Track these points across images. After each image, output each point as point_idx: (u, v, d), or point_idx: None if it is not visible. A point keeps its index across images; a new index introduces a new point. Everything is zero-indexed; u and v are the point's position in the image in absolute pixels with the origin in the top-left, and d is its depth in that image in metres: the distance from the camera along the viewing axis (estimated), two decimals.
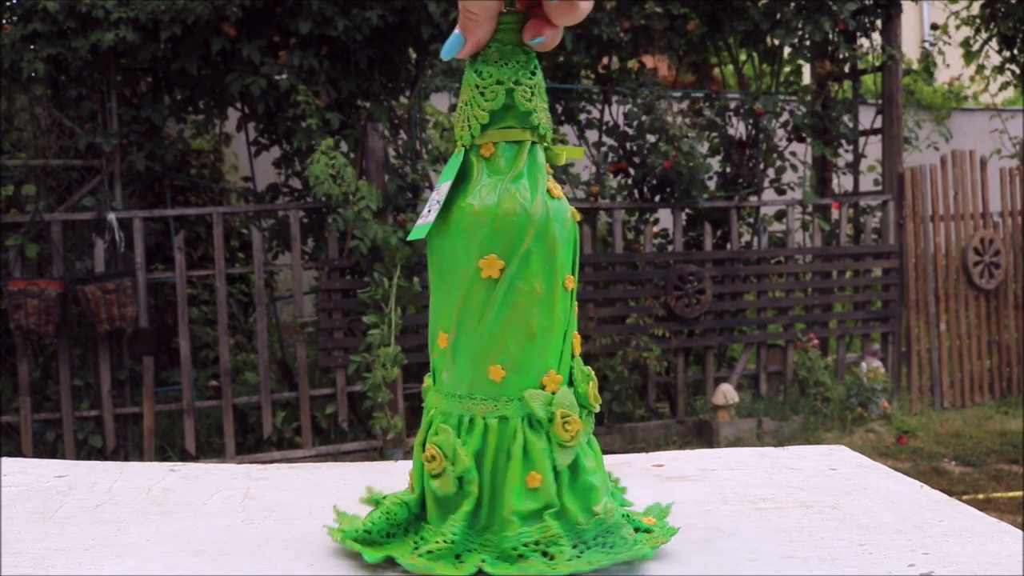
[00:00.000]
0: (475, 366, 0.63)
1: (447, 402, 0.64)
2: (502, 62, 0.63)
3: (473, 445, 0.62)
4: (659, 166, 4.95)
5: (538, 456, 0.62)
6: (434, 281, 0.65)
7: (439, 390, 0.65)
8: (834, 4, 5.22)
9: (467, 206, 0.62)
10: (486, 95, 0.63)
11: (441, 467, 0.62)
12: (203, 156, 5.67)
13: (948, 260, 5.73)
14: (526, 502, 0.62)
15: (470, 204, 0.62)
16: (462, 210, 0.62)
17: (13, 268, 4.23)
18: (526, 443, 0.62)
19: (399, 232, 4.39)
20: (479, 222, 0.62)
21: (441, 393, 0.65)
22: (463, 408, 0.63)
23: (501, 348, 0.62)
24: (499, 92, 0.62)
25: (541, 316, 0.62)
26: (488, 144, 0.63)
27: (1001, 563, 0.62)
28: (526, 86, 0.63)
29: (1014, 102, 8.07)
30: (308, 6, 4.37)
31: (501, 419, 0.62)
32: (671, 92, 5.43)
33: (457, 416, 0.63)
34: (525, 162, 0.63)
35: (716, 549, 0.66)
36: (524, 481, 0.62)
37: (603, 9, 4.98)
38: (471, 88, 0.63)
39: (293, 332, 5.13)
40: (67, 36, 4.29)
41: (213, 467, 0.91)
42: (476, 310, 0.62)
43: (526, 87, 0.63)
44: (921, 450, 4.74)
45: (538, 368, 0.63)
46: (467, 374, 0.63)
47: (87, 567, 0.63)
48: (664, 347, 5.02)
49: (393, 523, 0.64)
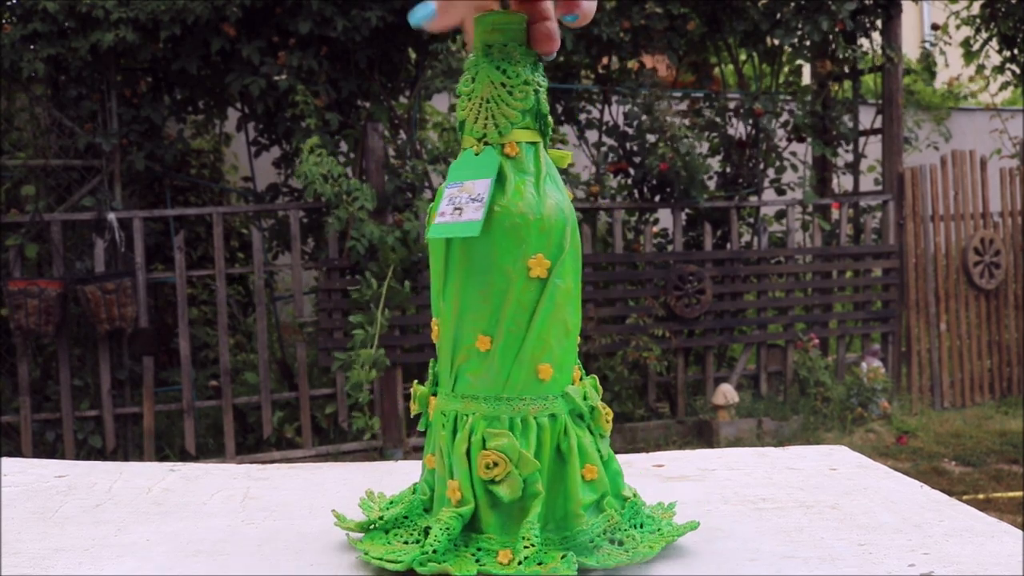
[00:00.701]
0: (524, 367, 0.63)
1: (489, 406, 0.63)
2: (524, 62, 0.63)
3: (532, 446, 0.62)
4: (656, 167, 4.95)
5: (589, 449, 0.64)
6: (464, 282, 0.63)
7: (462, 394, 0.64)
8: (833, 4, 5.22)
9: (511, 205, 0.62)
10: (515, 94, 0.63)
11: (506, 472, 0.62)
12: (203, 156, 5.67)
13: (948, 260, 5.73)
14: (588, 494, 0.64)
15: (513, 203, 0.62)
16: (505, 210, 0.62)
17: (13, 268, 4.23)
18: (578, 438, 0.64)
19: (396, 232, 4.38)
20: (526, 222, 0.62)
21: (467, 397, 0.64)
22: (513, 410, 0.63)
23: (547, 347, 0.63)
24: (528, 92, 0.63)
25: (573, 314, 0.64)
26: (513, 143, 0.63)
27: (1001, 563, 0.62)
28: (545, 89, 0.64)
29: (1014, 102, 8.07)
30: (308, 6, 4.37)
31: (551, 417, 0.63)
32: (671, 92, 5.43)
33: (508, 418, 0.63)
34: (545, 162, 0.64)
35: (716, 549, 0.66)
36: (582, 475, 0.63)
37: (603, 9, 4.98)
38: (493, 85, 0.63)
39: (293, 332, 5.13)
40: (67, 36, 4.29)
41: (213, 467, 0.91)
42: (526, 310, 0.62)
43: (546, 90, 0.64)
44: (921, 450, 4.74)
45: (571, 364, 0.65)
46: (516, 375, 0.63)
47: (87, 567, 0.63)
48: (664, 347, 5.02)
49: (452, 538, 0.62)
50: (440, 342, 0.65)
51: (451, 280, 0.64)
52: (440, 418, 0.65)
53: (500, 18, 0.63)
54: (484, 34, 0.63)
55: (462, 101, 0.65)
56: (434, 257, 0.65)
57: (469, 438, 0.63)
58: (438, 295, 0.65)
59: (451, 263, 0.64)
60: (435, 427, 0.66)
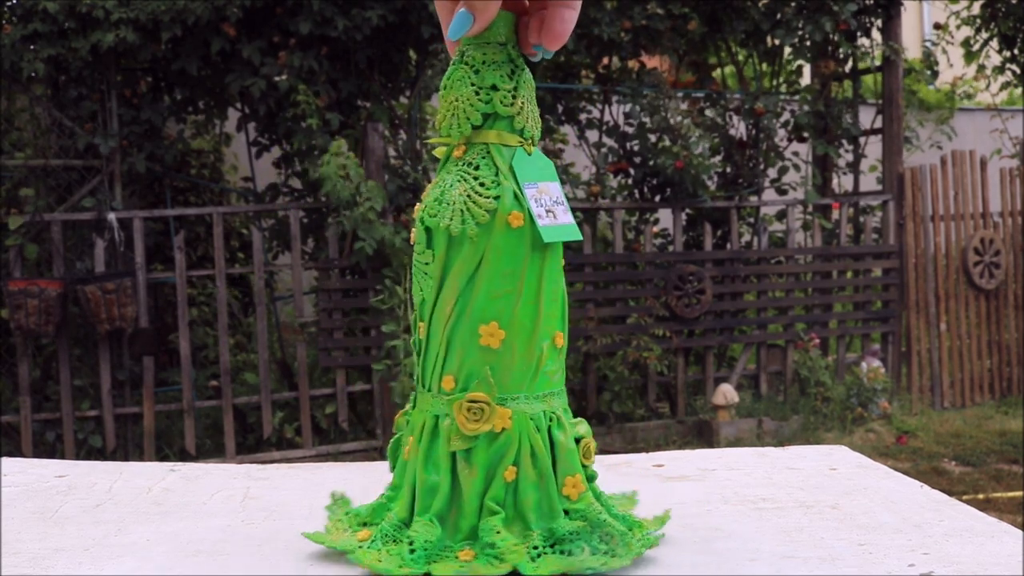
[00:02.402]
0: None
1: (561, 399, 0.65)
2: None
3: None
4: (670, 166, 4.94)
5: None
6: (547, 284, 0.63)
7: (544, 392, 0.63)
8: (835, 5, 5.22)
9: None
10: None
11: None
12: (203, 156, 5.67)
13: (948, 260, 5.73)
14: None
15: None
16: None
17: (13, 268, 4.23)
18: None
19: (403, 233, 4.38)
20: None
21: (548, 395, 0.64)
22: (567, 402, 0.66)
23: None
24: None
25: None
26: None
27: (1001, 563, 0.62)
28: (520, 89, 0.64)
29: (1014, 102, 8.07)
30: (308, 6, 4.37)
31: None
32: (675, 92, 5.43)
33: (570, 409, 0.66)
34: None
35: (716, 549, 0.66)
36: None
37: (604, 9, 4.98)
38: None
39: (293, 332, 5.13)
40: (67, 36, 4.29)
41: (213, 467, 0.91)
42: None
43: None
44: (921, 450, 4.74)
45: None
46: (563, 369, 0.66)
47: (87, 567, 0.63)
48: (664, 347, 5.02)
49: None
50: (516, 342, 0.62)
51: (537, 285, 0.62)
52: (527, 424, 0.62)
53: None
54: None
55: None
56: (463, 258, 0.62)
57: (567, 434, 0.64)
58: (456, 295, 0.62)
59: (532, 266, 0.62)
60: (515, 438, 0.62)
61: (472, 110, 0.62)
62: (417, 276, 0.64)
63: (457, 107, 0.62)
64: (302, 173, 4.74)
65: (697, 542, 0.67)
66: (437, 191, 0.63)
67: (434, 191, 0.63)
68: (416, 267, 0.64)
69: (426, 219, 0.63)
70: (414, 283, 0.65)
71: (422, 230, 0.63)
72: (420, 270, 0.64)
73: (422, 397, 0.65)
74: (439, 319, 0.63)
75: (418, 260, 0.64)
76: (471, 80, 0.62)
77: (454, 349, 0.62)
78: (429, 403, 0.64)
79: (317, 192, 4.68)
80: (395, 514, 0.63)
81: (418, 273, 0.64)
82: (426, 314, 0.64)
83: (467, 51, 0.62)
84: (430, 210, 0.63)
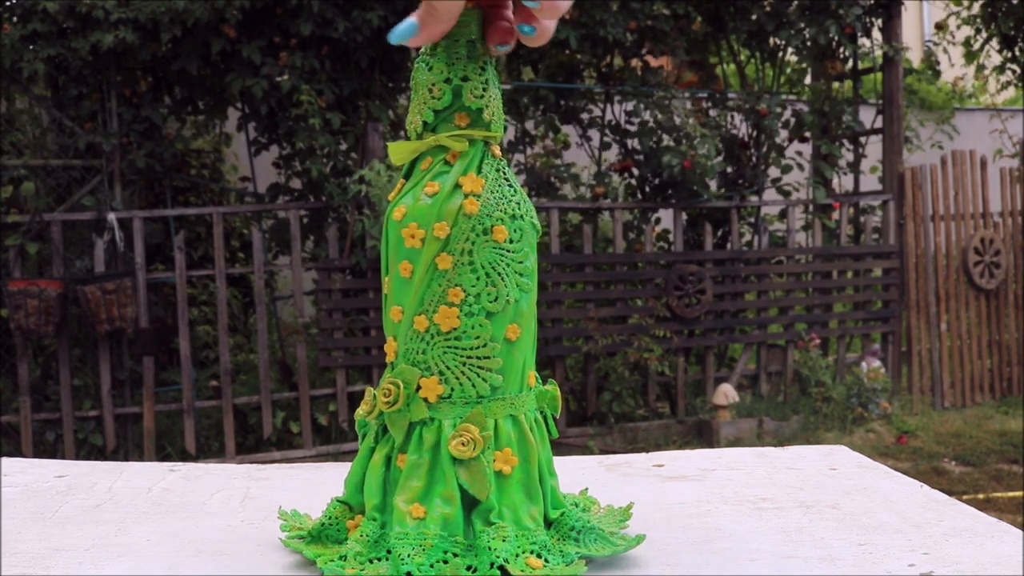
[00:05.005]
0: None
1: None
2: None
3: None
4: (676, 165, 4.93)
5: None
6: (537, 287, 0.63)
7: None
8: (840, 8, 5.22)
9: None
10: (433, 92, 0.61)
11: None
12: (203, 156, 5.67)
13: (948, 260, 5.73)
14: None
15: None
16: None
17: (13, 268, 4.23)
18: None
19: None
20: None
21: None
22: None
23: None
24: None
25: None
26: None
27: (1001, 563, 0.62)
28: (482, 87, 0.61)
29: (1014, 102, 8.07)
30: (308, 8, 4.37)
31: None
32: (679, 92, 5.42)
33: None
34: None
35: (716, 549, 0.66)
36: None
37: (609, 10, 4.98)
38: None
39: (293, 332, 5.13)
40: (67, 36, 4.29)
41: (213, 467, 0.91)
42: None
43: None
44: (921, 450, 4.74)
45: None
46: None
47: (87, 567, 0.63)
48: (665, 347, 5.02)
49: None
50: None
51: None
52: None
53: None
54: None
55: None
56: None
57: None
58: None
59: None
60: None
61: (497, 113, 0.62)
62: (509, 275, 0.60)
63: (496, 107, 0.62)
64: (303, 173, 4.74)
65: (697, 542, 0.67)
66: (505, 189, 0.61)
67: (500, 188, 0.61)
68: (509, 265, 0.60)
69: (524, 216, 0.61)
70: (498, 283, 0.60)
71: (513, 228, 0.60)
72: (514, 269, 0.60)
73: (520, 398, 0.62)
74: (533, 318, 0.63)
75: (512, 259, 0.60)
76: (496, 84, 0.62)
77: None
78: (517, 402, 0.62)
79: (318, 192, 4.68)
80: None
81: (510, 272, 0.60)
82: (524, 314, 0.62)
83: None
84: (520, 208, 0.61)
